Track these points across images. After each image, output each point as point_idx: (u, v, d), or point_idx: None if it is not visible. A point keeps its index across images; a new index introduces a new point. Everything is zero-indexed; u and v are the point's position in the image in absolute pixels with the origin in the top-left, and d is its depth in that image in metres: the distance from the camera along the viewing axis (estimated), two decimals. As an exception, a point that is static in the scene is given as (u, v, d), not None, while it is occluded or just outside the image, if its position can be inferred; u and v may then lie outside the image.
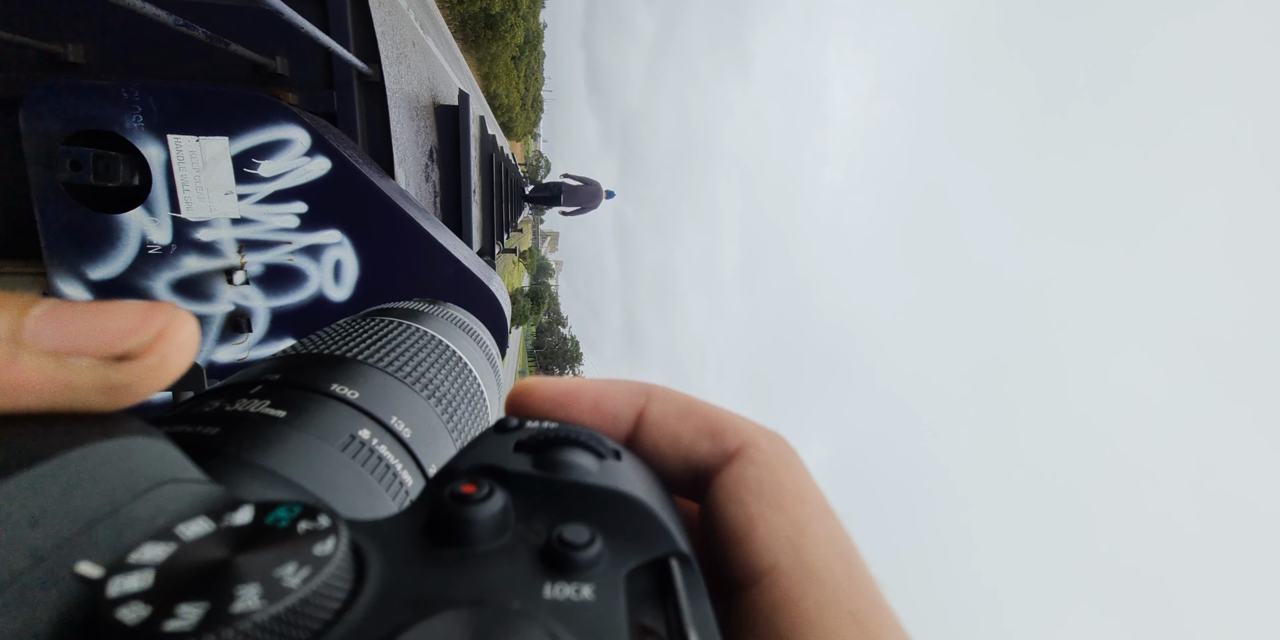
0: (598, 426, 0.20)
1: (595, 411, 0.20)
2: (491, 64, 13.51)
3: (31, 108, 1.10)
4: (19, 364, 0.13)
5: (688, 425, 0.20)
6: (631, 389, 0.21)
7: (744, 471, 0.18)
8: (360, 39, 1.41)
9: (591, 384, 0.21)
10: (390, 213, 1.27)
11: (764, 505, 0.17)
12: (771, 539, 0.16)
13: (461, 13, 10.94)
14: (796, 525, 0.17)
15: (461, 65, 5.53)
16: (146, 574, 0.12)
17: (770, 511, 0.17)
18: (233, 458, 0.23)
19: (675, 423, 0.20)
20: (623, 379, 0.21)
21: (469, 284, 1.35)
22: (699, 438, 0.19)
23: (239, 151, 1.16)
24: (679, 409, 0.20)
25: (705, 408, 0.20)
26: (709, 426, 0.20)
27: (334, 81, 1.37)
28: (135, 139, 1.12)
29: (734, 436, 0.19)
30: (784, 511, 0.17)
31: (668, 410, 0.20)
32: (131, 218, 1.16)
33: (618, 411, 0.20)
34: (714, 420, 0.20)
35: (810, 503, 0.18)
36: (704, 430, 0.20)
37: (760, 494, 0.17)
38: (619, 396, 0.20)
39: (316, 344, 0.36)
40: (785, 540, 0.16)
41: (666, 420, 0.20)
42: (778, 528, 0.17)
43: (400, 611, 0.12)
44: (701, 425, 0.20)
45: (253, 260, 1.24)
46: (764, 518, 0.17)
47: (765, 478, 0.18)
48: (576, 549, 0.13)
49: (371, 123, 1.47)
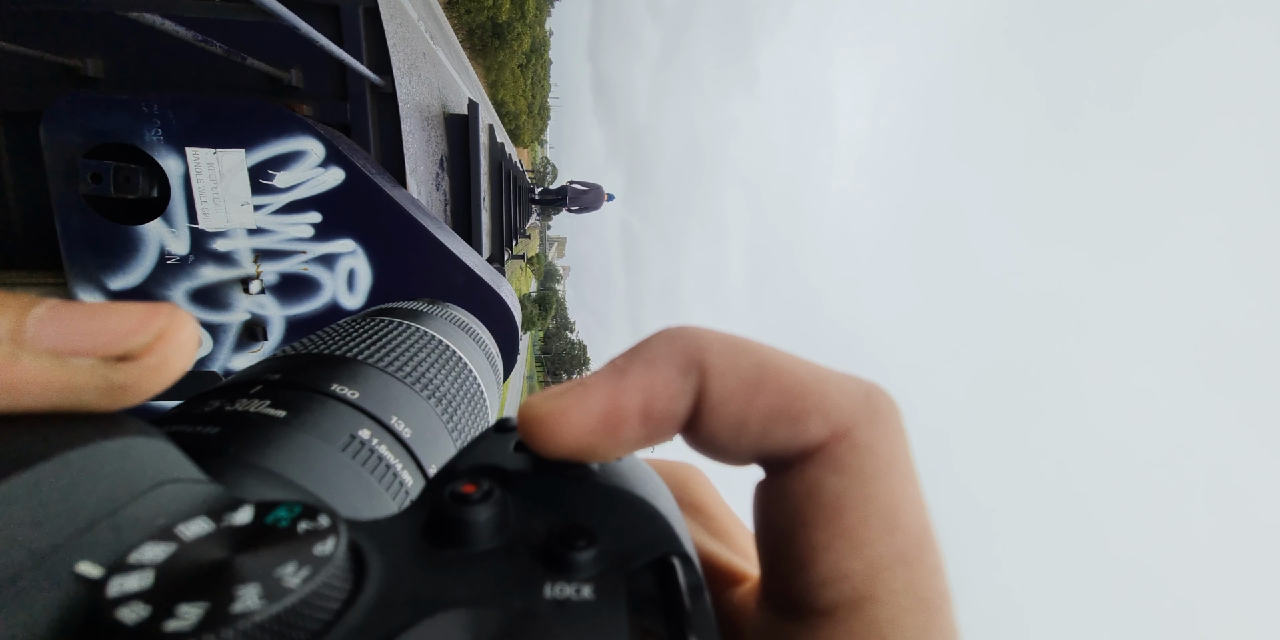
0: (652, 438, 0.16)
1: (645, 423, 0.15)
2: (499, 72, 13.59)
3: (52, 121, 1.12)
4: (20, 364, 0.13)
5: (757, 407, 0.15)
6: (680, 365, 0.15)
7: (823, 479, 0.14)
8: (373, 51, 1.43)
9: (630, 385, 0.15)
10: (403, 221, 1.28)
11: (836, 534, 0.14)
12: (836, 581, 0.13)
13: (469, 22, 11.02)
14: (873, 568, 0.13)
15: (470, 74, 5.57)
16: (146, 574, 0.12)
17: (842, 544, 0.14)
18: (233, 458, 0.23)
19: (741, 406, 0.15)
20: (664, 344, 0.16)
21: (480, 291, 1.35)
22: (773, 424, 0.15)
23: (255, 163, 1.18)
24: (744, 384, 0.15)
25: (781, 375, 0.15)
26: (786, 407, 0.15)
27: (347, 93, 1.39)
28: (154, 152, 1.14)
29: (821, 422, 0.14)
30: (861, 548, 0.13)
31: (729, 388, 0.15)
32: (150, 229, 1.18)
33: (673, 411, 0.15)
34: (793, 396, 0.15)
35: (901, 531, 0.14)
36: (780, 413, 0.15)
37: (837, 517, 0.14)
38: (669, 389, 0.15)
39: (317, 344, 0.36)
40: (852, 586, 0.13)
41: (730, 403, 0.15)
42: (847, 568, 0.13)
43: (400, 611, 0.12)
44: (776, 405, 0.15)
45: (268, 270, 1.25)
46: (833, 551, 0.14)
47: (850, 493, 0.14)
48: (577, 549, 0.13)
49: (384, 133, 1.49)
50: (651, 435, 0.15)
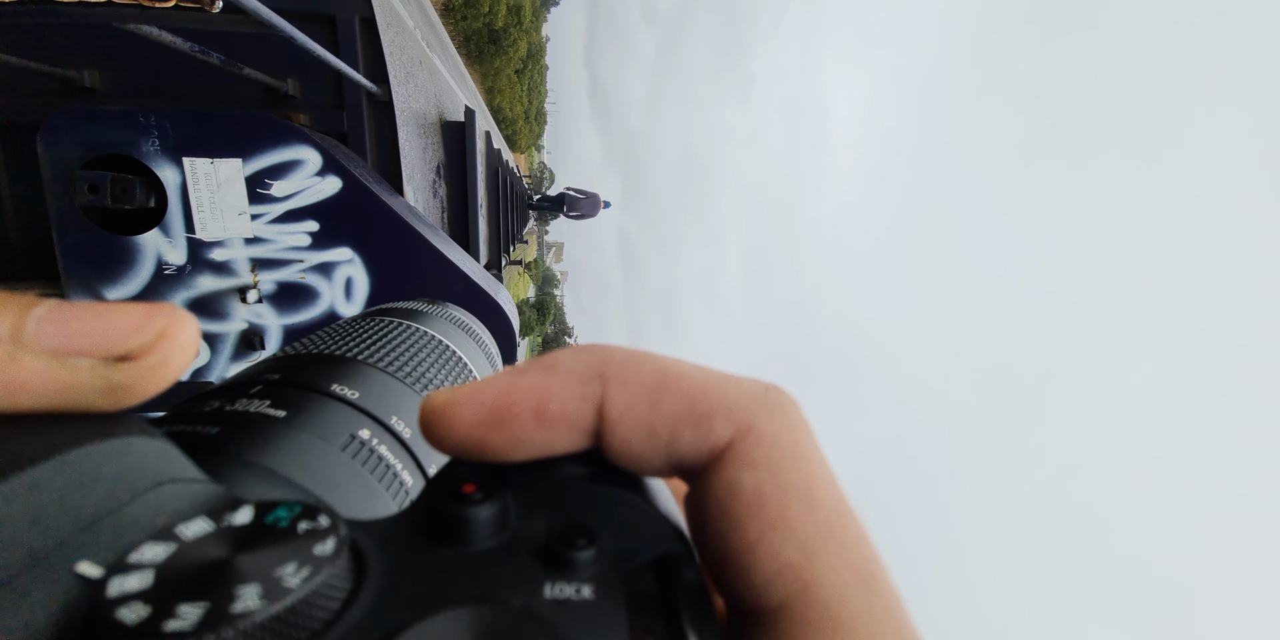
0: (551, 442, 0.15)
1: (540, 423, 0.15)
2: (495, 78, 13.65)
3: (50, 133, 1.12)
4: (20, 364, 0.13)
5: (662, 413, 0.15)
6: (579, 374, 0.16)
7: (738, 476, 0.15)
8: (369, 60, 1.43)
9: (526, 383, 0.15)
10: (399, 230, 1.29)
11: (765, 526, 0.14)
12: (776, 572, 0.14)
13: (465, 29, 11.07)
14: (806, 550, 0.14)
15: (466, 80, 5.59)
16: (146, 574, 0.12)
17: (774, 535, 0.14)
18: (233, 457, 0.23)
19: (646, 411, 0.15)
20: (568, 356, 0.16)
21: (477, 298, 1.35)
22: (679, 428, 0.15)
23: (252, 173, 1.18)
24: (647, 390, 0.15)
25: (680, 381, 0.16)
26: (690, 409, 0.15)
27: (344, 102, 1.39)
28: (151, 162, 1.14)
29: (723, 422, 0.15)
30: (790, 532, 0.14)
31: (632, 396, 0.15)
32: (148, 239, 1.18)
33: (569, 414, 0.15)
34: (696, 399, 0.15)
35: (821, 508, 0.14)
36: (684, 416, 0.15)
37: (760, 509, 0.14)
38: (565, 393, 0.15)
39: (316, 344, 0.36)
40: (793, 574, 0.14)
41: (635, 410, 0.15)
42: (783, 557, 0.14)
43: (400, 611, 0.12)
44: (680, 409, 0.15)
45: (266, 279, 1.26)
46: (766, 543, 0.14)
47: (765, 483, 0.14)
48: (577, 548, 0.13)
49: (380, 141, 1.49)
50: (551, 438, 0.15)
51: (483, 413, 0.15)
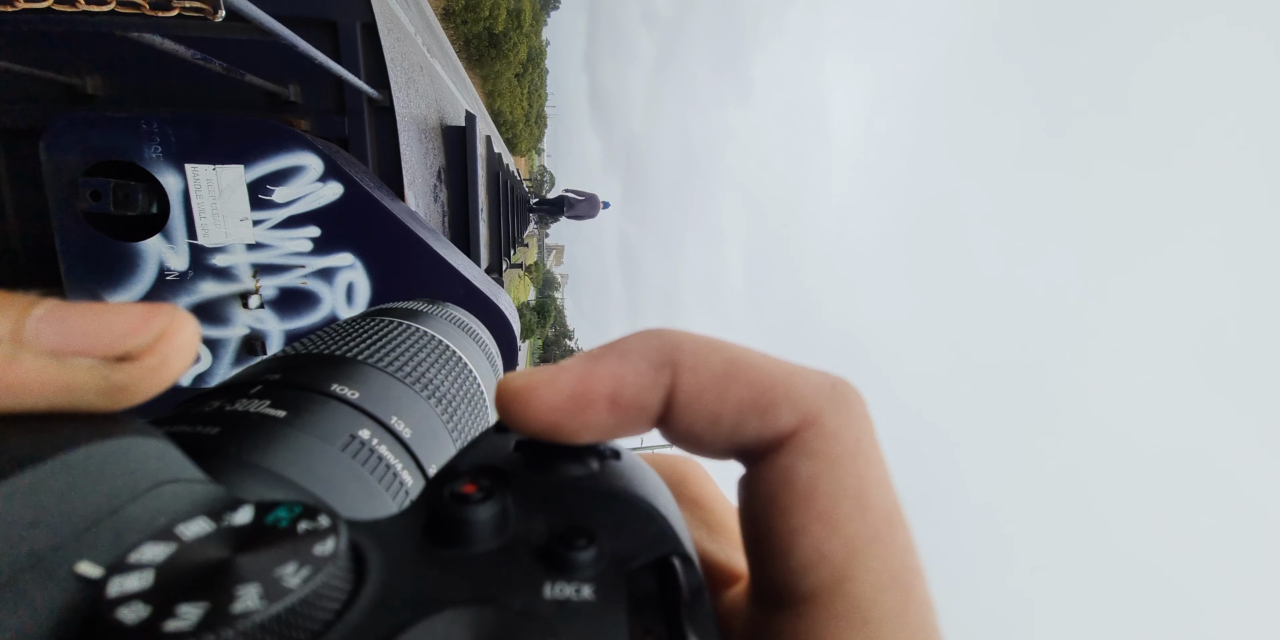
0: (621, 426, 0.16)
1: (614, 409, 0.16)
2: (495, 81, 13.68)
3: (52, 140, 1.13)
4: (20, 364, 0.13)
5: (729, 400, 0.15)
6: (652, 359, 0.16)
7: (795, 465, 0.15)
8: (370, 66, 1.44)
9: (604, 371, 0.16)
10: (401, 235, 1.29)
11: (812, 517, 0.14)
12: (815, 562, 0.14)
13: (465, 33, 11.10)
14: (849, 547, 0.14)
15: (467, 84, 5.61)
16: (146, 574, 0.12)
17: (818, 527, 0.14)
18: (233, 458, 0.23)
19: (714, 399, 0.15)
20: (641, 341, 0.16)
21: (478, 303, 1.36)
22: (745, 416, 0.15)
23: (254, 178, 1.19)
24: (716, 378, 0.16)
25: (751, 370, 0.16)
26: (756, 399, 0.15)
27: (345, 108, 1.40)
28: (154, 168, 1.14)
29: (789, 412, 0.15)
30: (836, 528, 0.14)
31: (703, 382, 0.16)
32: (150, 245, 1.18)
33: (642, 401, 0.16)
34: (763, 389, 0.15)
35: (874, 509, 0.14)
36: (750, 405, 0.15)
37: (811, 501, 0.14)
38: (640, 380, 0.16)
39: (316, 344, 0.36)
40: (831, 568, 0.14)
41: (703, 397, 0.15)
42: (825, 550, 0.14)
43: (400, 611, 0.12)
44: (747, 398, 0.15)
45: (267, 284, 1.26)
46: (809, 534, 0.14)
47: (822, 477, 0.14)
48: (577, 549, 0.13)
49: (382, 147, 1.50)
50: (621, 423, 0.16)
51: (560, 398, 0.15)
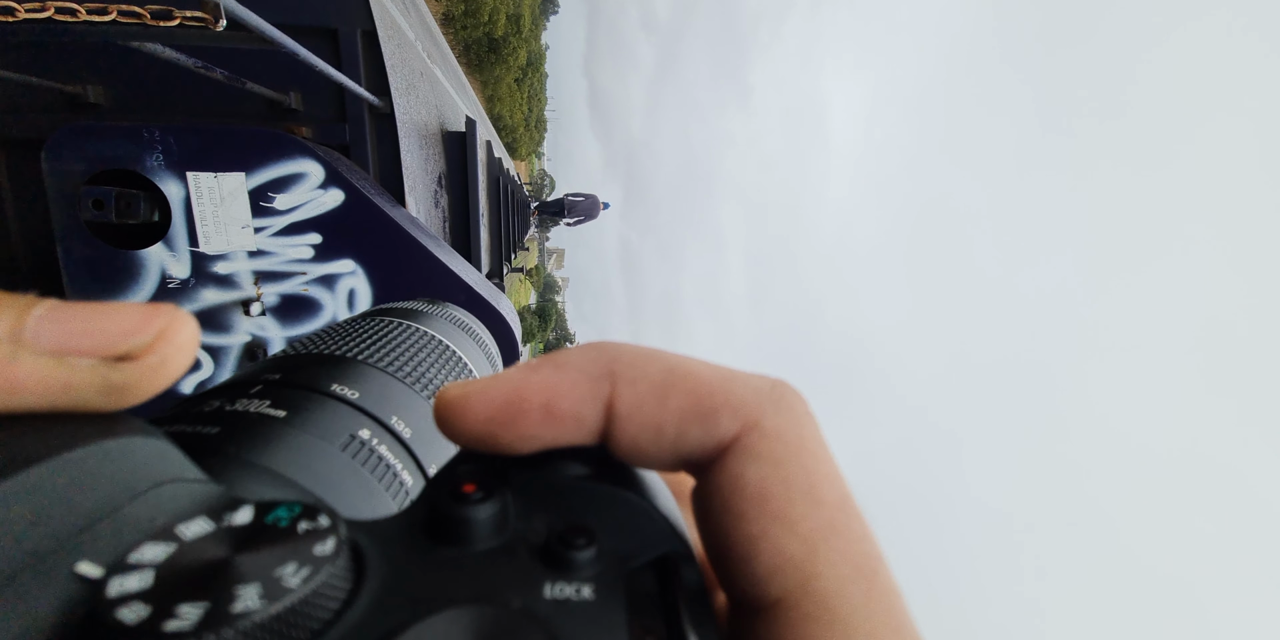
0: (559, 438, 0.16)
1: (549, 420, 0.15)
2: (495, 86, 13.73)
3: (54, 150, 1.13)
4: (19, 363, 0.13)
5: (670, 410, 0.15)
6: (589, 372, 0.16)
7: (743, 470, 0.15)
8: (371, 73, 1.44)
9: (537, 380, 0.16)
10: (402, 241, 1.29)
11: (767, 519, 0.14)
12: (778, 566, 0.14)
13: (465, 38, 11.15)
14: (808, 545, 0.14)
15: (467, 90, 5.63)
16: (146, 574, 0.12)
17: (776, 528, 0.14)
18: (233, 457, 0.23)
19: (654, 409, 0.15)
20: (578, 354, 0.16)
21: (480, 308, 1.36)
22: (687, 424, 0.15)
23: (255, 186, 1.19)
24: (655, 388, 0.15)
25: (688, 379, 0.16)
26: (696, 406, 0.15)
27: (346, 115, 1.40)
28: (155, 177, 1.15)
29: (730, 418, 0.15)
30: (793, 527, 0.14)
31: (641, 393, 0.15)
32: (152, 253, 1.19)
33: (578, 411, 0.15)
34: (702, 396, 0.15)
35: (825, 504, 0.14)
36: (691, 413, 0.15)
37: (764, 503, 0.14)
38: (575, 390, 0.15)
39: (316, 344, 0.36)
40: (794, 568, 0.14)
41: (643, 408, 0.15)
42: (785, 551, 0.14)
43: (400, 611, 0.12)
44: (687, 406, 0.15)
45: (269, 291, 1.26)
46: (768, 537, 0.14)
47: (769, 477, 0.15)
48: (576, 548, 0.13)
49: (383, 153, 1.50)
50: (558, 434, 0.16)
51: (493, 408, 0.15)
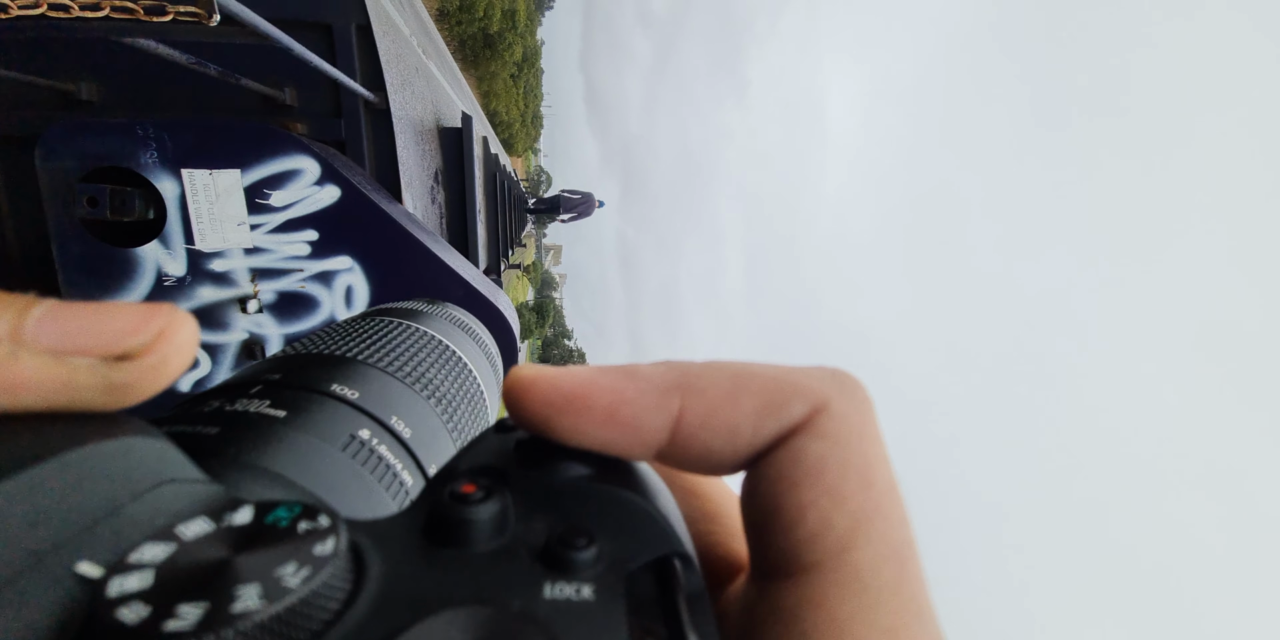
0: (616, 441, 0.16)
1: (609, 422, 0.16)
2: (491, 82, 13.67)
3: (47, 147, 1.12)
4: (19, 363, 0.13)
5: (744, 409, 0.16)
6: (660, 385, 0.16)
7: (806, 446, 0.15)
8: (366, 68, 1.44)
9: (607, 382, 0.16)
10: (399, 237, 1.29)
11: (821, 492, 0.15)
12: (822, 534, 0.14)
13: (460, 34, 11.09)
14: (854, 520, 0.14)
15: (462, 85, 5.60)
16: (146, 574, 0.12)
17: (826, 501, 0.15)
18: (232, 458, 0.23)
19: (728, 413, 0.16)
20: (651, 368, 0.16)
21: (478, 304, 1.36)
22: (761, 419, 0.16)
23: (251, 183, 1.18)
24: (727, 394, 0.16)
25: (756, 379, 0.16)
26: (770, 401, 0.16)
27: (341, 111, 1.39)
28: (150, 174, 1.14)
29: (802, 402, 0.16)
30: (844, 501, 0.15)
31: (714, 401, 0.16)
32: (147, 251, 1.18)
33: (642, 421, 0.16)
34: (775, 390, 0.16)
35: (876, 487, 0.15)
36: (765, 408, 0.16)
37: (820, 476, 0.15)
38: (643, 400, 0.16)
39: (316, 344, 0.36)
40: (836, 538, 0.14)
41: (717, 413, 0.16)
42: (832, 522, 0.14)
43: (400, 611, 0.12)
44: (760, 403, 0.16)
45: (266, 289, 1.25)
46: (818, 507, 0.15)
47: (831, 455, 0.15)
48: (576, 549, 0.13)
49: (378, 149, 1.49)
50: (615, 438, 0.16)
51: (558, 396, 0.16)
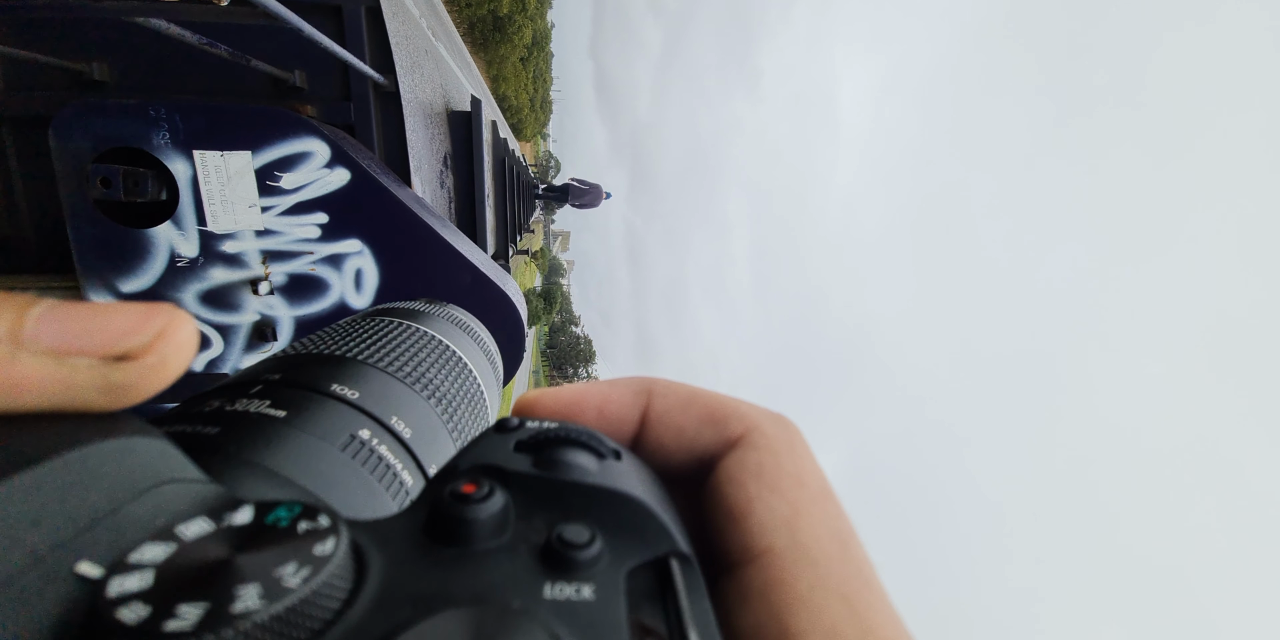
0: (605, 431, 0.20)
1: (600, 417, 0.20)
2: (500, 66, 13.54)
3: (61, 127, 1.13)
4: (19, 363, 0.13)
5: (691, 416, 0.20)
6: (633, 387, 0.21)
7: (745, 455, 0.19)
8: (376, 51, 1.43)
9: (594, 389, 0.21)
10: (408, 221, 1.29)
11: (762, 487, 0.17)
12: (768, 520, 0.17)
13: (470, 16, 10.97)
14: (794, 507, 0.17)
15: (472, 69, 5.55)
16: (146, 574, 0.12)
17: (768, 493, 0.17)
18: (233, 457, 0.23)
19: (678, 415, 0.20)
20: (625, 378, 0.22)
21: (486, 289, 1.36)
22: (703, 427, 0.20)
23: (262, 165, 1.19)
24: (681, 401, 0.20)
25: (707, 396, 0.21)
26: (711, 415, 0.20)
27: (351, 93, 1.39)
28: (162, 155, 1.15)
29: (737, 423, 0.19)
30: (782, 494, 0.17)
31: (670, 404, 0.20)
32: (160, 232, 1.19)
33: (622, 414, 0.20)
34: (716, 408, 0.20)
35: (809, 485, 0.18)
36: (707, 419, 0.20)
37: (760, 476, 0.18)
38: (622, 398, 0.21)
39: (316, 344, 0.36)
40: (782, 522, 0.17)
41: (670, 414, 0.20)
42: (775, 509, 0.17)
43: (400, 611, 0.12)
44: (704, 414, 0.20)
45: (277, 271, 1.27)
46: (762, 499, 0.17)
47: (766, 461, 0.18)
48: (576, 548, 0.13)
49: (388, 132, 1.49)
50: (605, 428, 0.20)
51: (560, 404, 0.21)
